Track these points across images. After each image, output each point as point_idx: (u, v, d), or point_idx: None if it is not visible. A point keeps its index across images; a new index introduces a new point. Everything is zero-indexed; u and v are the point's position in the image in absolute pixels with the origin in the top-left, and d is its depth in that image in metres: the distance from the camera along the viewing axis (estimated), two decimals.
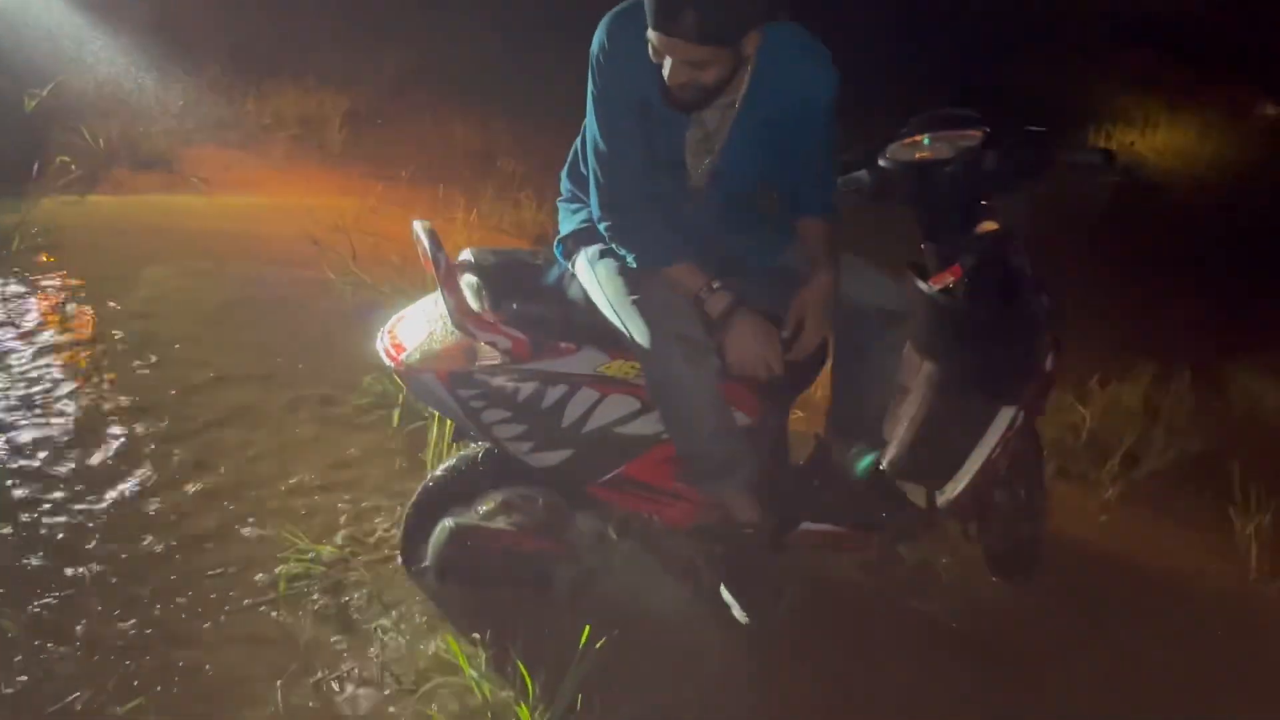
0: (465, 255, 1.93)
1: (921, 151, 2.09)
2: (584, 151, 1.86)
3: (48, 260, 3.43)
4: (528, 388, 1.79)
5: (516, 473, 1.93)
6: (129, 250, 3.63)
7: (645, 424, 1.86)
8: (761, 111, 1.78)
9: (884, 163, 2.12)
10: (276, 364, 2.94)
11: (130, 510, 2.21)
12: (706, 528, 1.96)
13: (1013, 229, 2.10)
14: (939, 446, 2.18)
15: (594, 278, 1.84)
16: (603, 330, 1.81)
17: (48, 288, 3.23)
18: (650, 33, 1.60)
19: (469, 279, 1.87)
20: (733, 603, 1.90)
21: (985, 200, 2.10)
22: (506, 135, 5.92)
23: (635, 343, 1.74)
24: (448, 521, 1.90)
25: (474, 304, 1.81)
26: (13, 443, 2.36)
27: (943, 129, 2.09)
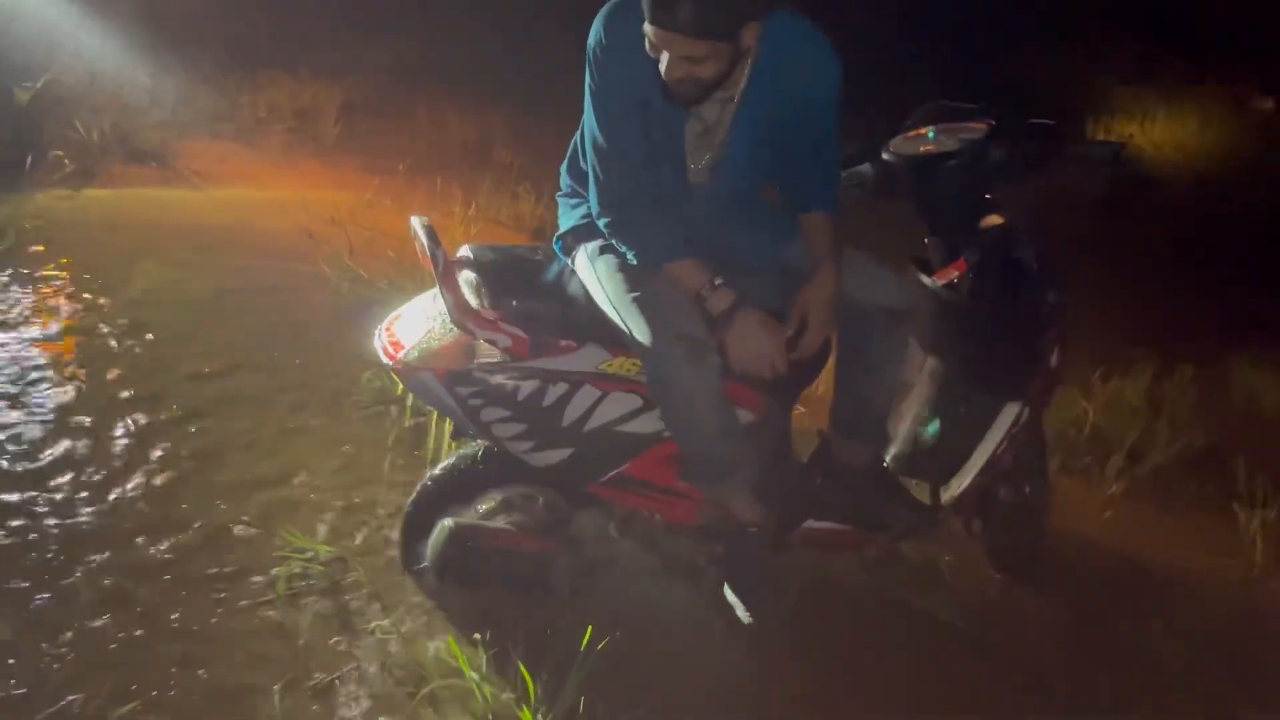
0: (464, 251, 1.90)
1: (926, 145, 2.07)
2: (583, 146, 1.83)
3: (41, 255, 3.39)
4: (528, 386, 1.77)
5: (516, 472, 1.91)
6: (123, 245, 3.60)
7: (647, 422, 1.84)
8: (762, 105, 1.74)
9: (888, 156, 2.11)
10: (273, 360, 2.91)
11: (125, 509, 2.18)
12: (709, 527, 1.94)
13: (1018, 223, 2.08)
14: (943, 443, 2.17)
15: (594, 274, 1.81)
16: (604, 327, 1.78)
17: (41, 283, 3.20)
18: (647, 26, 1.57)
19: (467, 275, 1.84)
20: (736, 603, 1.88)
21: (990, 194, 2.08)
22: (504, 127, 5.88)
23: (636, 341, 1.71)
24: (447, 521, 1.87)
25: (473, 301, 1.78)
26: (4, 440, 2.33)
27: (947, 121, 2.07)
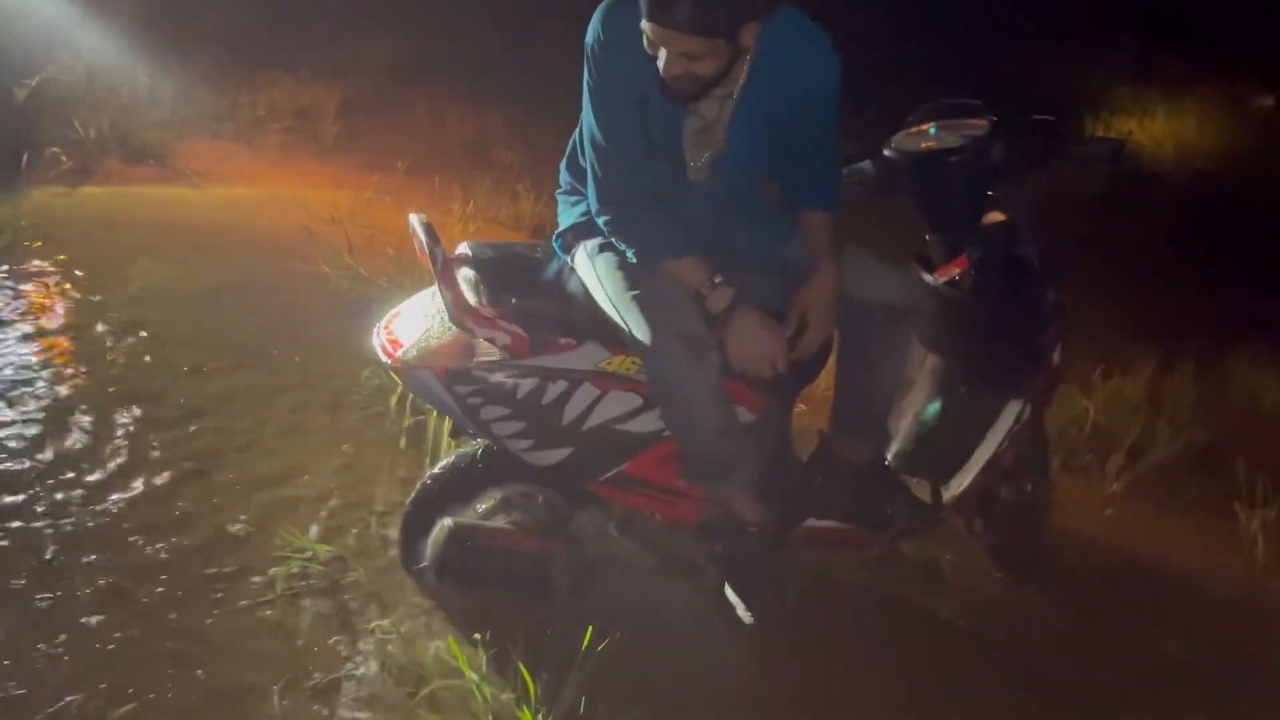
0: (462, 249, 1.89)
1: (927, 141, 2.06)
2: (582, 143, 1.82)
3: (38, 253, 3.38)
4: (527, 384, 1.76)
5: (516, 470, 1.90)
6: (121, 243, 3.59)
7: (647, 421, 1.82)
8: (761, 102, 1.73)
9: (889, 153, 2.10)
10: (272, 359, 2.90)
11: (123, 508, 2.17)
12: (709, 526, 1.93)
13: (1020, 220, 2.07)
14: (945, 441, 2.16)
15: (593, 272, 1.80)
16: (603, 325, 1.77)
17: (38, 281, 3.19)
18: (644, 23, 1.55)
19: (466, 273, 1.83)
20: (737, 602, 1.87)
21: (992, 191, 2.07)
22: (503, 125, 5.87)
23: (635, 340, 1.70)
24: (446, 521, 1.86)
25: (472, 299, 1.77)
26: (1, 439, 2.32)
27: (949, 118, 2.06)
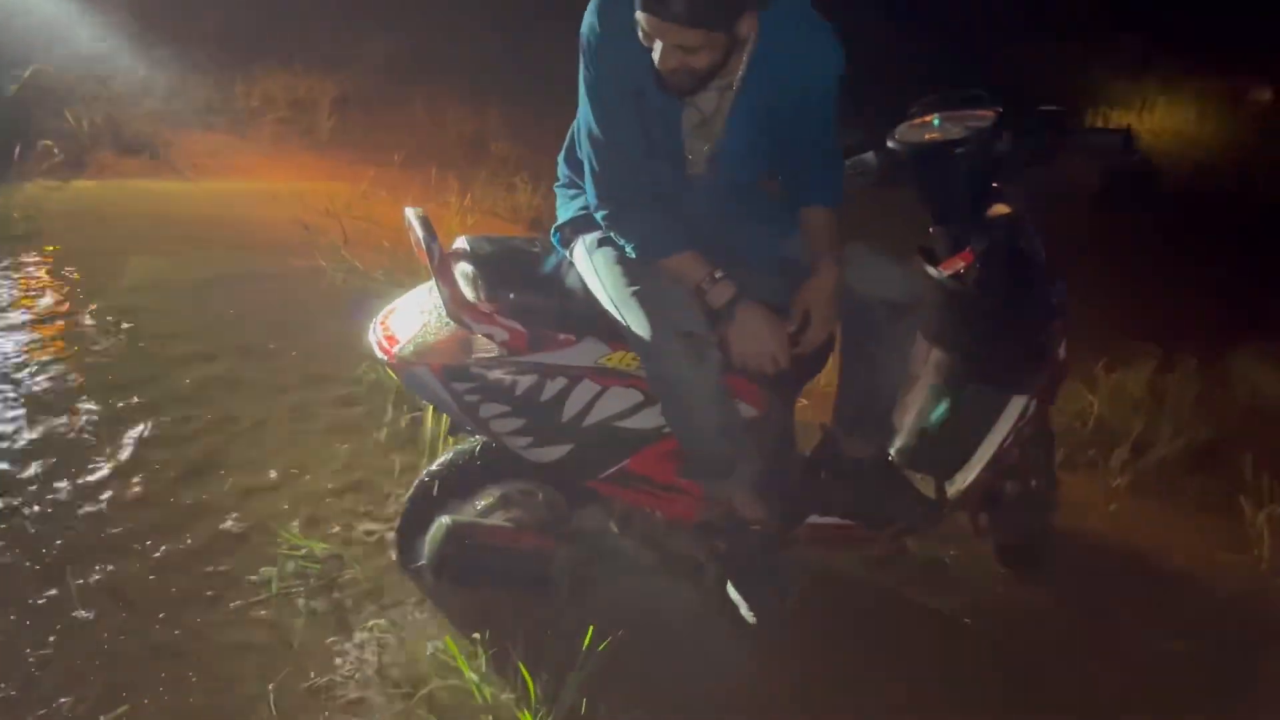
0: (460, 243, 1.86)
1: (931, 133, 2.03)
2: (579, 137, 1.79)
3: (29, 246, 3.35)
4: (526, 381, 1.73)
5: (515, 468, 1.88)
6: (113, 236, 3.56)
7: (648, 417, 1.80)
8: (761, 94, 1.70)
9: (892, 145, 2.07)
10: (266, 354, 2.87)
11: (114, 505, 2.15)
12: (711, 523, 1.91)
13: (1025, 213, 2.04)
14: (949, 436, 2.14)
15: (592, 268, 1.77)
16: (603, 320, 1.74)
17: (29, 275, 3.15)
18: (639, 15, 1.52)
19: (464, 268, 1.79)
20: (740, 601, 1.85)
21: (997, 183, 2.04)
22: (500, 118, 5.82)
23: (635, 337, 1.67)
24: (444, 519, 1.83)
25: (469, 294, 1.74)
26: None
27: (954, 109, 2.03)
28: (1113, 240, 4.90)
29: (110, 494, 2.18)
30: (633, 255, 1.72)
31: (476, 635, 1.83)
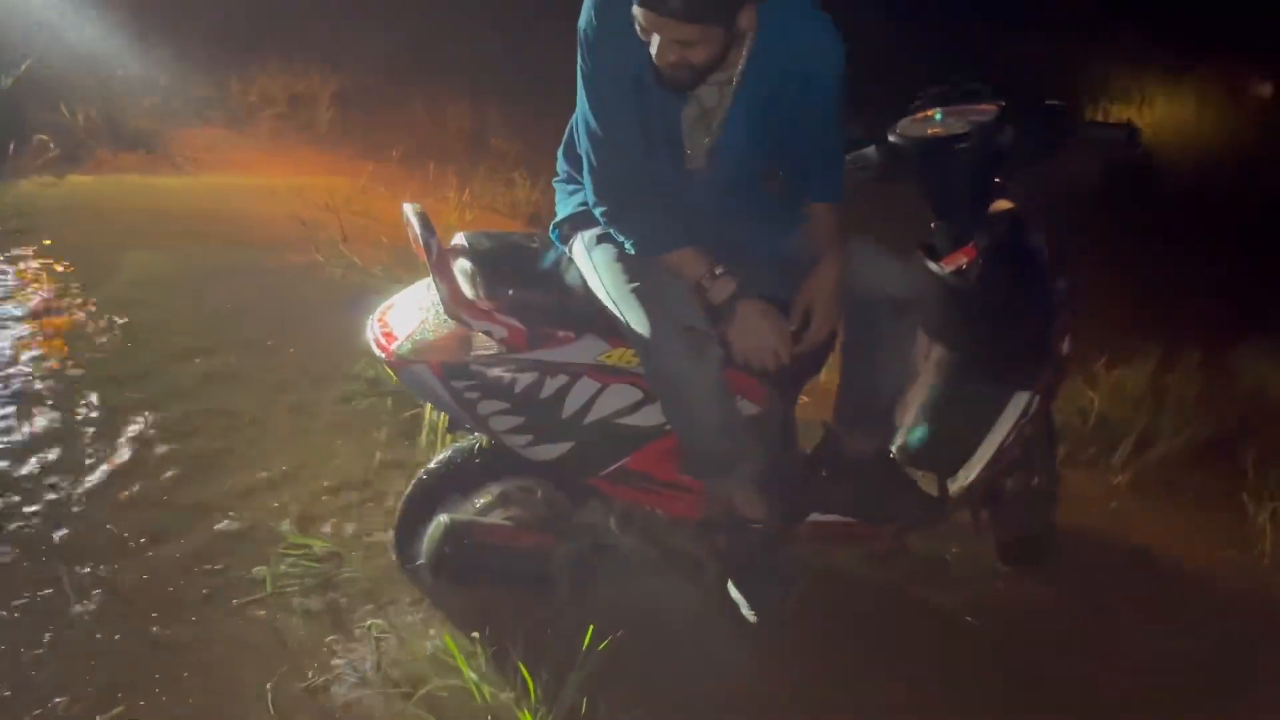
0: (458, 239, 1.84)
1: (934, 127, 2.02)
2: (578, 131, 1.77)
3: (25, 242, 3.33)
4: (525, 378, 1.72)
5: (515, 465, 1.86)
6: (110, 232, 3.54)
7: (648, 415, 1.78)
8: (762, 87, 1.68)
9: (894, 139, 2.06)
10: (264, 350, 2.86)
11: (110, 503, 2.13)
12: (712, 521, 1.90)
13: (1028, 208, 2.03)
14: (951, 433, 2.12)
15: (591, 264, 1.75)
16: (603, 317, 1.73)
17: (24, 270, 3.13)
18: (636, 9, 1.50)
19: (462, 264, 1.78)
20: (740, 600, 1.83)
21: (1000, 178, 2.03)
22: (499, 113, 5.80)
23: (634, 334, 1.66)
24: (443, 517, 1.82)
25: (468, 291, 1.73)
26: None
27: (956, 103, 2.01)
28: (1113, 236, 4.88)
29: (106, 491, 2.16)
30: (632, 251, 1.70)
31: (476, 634, 1.82)
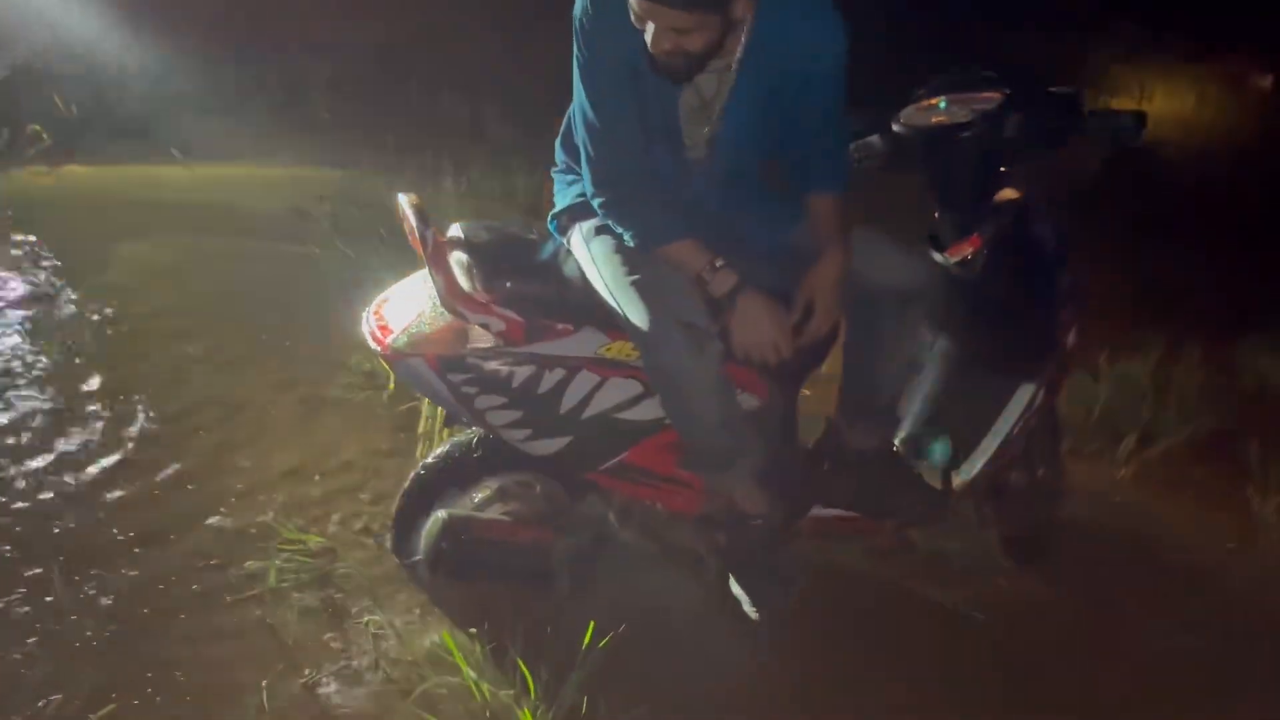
0: (454, 230, 1.80)
1: (938, 115, 1.98)
2: (575, 121, 1.73)
3: (16, 233, 3.29)
4: (523, 372, 1.69)
5: (513, 460, 1.83)
6: (104, 223, 3.51)
7: (647, 409, 1.76)
8: (762, 76, 1.65)
9: (897, 128, 2.02)
10: (258, 342, 2.83)
11: (104, 498, 2.11)
12: (712, 516, 1.87)
13: (1034, 197, 2.00)
14: (955, 426, 2.10)
15: (589, 256, 1.72)
16: (601, 310, 1.70)
17: (17, 261, 3.10)
18: None
19: (459, 256, 1.74)
20: (742, 596, 1.81)
21: (1005, 167, 2.00)
22: (497, 101, 5.75)
23: (633, 327, 1.63)
24: (440, 513, 1.79)
25: (464, 283, 1.70)
26: None
27: (961, 91, 1.98)
28: (1115, 229, 4.85)
29: (98, 485, 2.14)
30: (631, 244, 1.67)
31: (474, 631, 1.80)
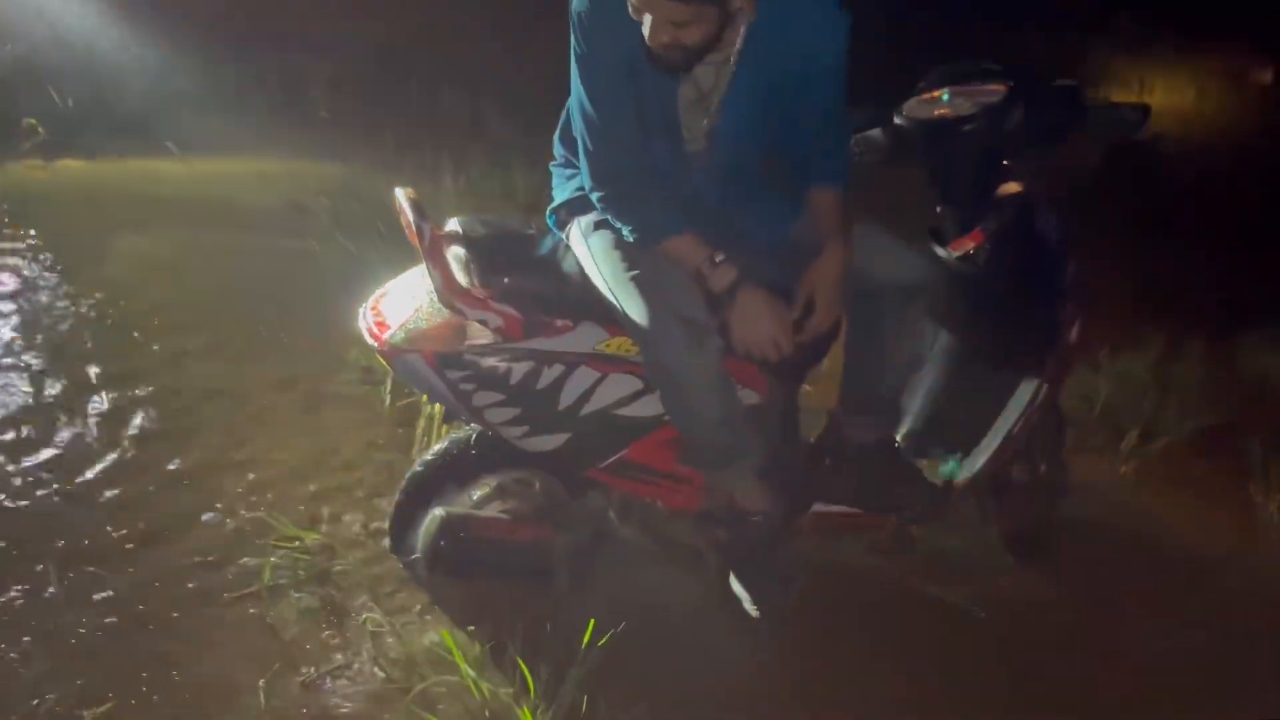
0: (452, 225, 1.79)
1: (940, 108, 1.97)
2: (573, 115, 1.72)
3: (12, 226, 3.28)
4: (521, 368, 1.67)
5: (511, 457, 1.82)
6: (101, 218, 3.49)
7: (647, 405, 1.74)
8: (761, 68, 1.63)
9: (900, 121, 2.01)
10: (256, 338, 2.82)
11: (101, 495, 2.10)
12: (712, 513, 1.86)
13: (1037, 191, 1.99)
14: (957, 422, 2.09)
15: (588, 251, 1.70)
16: (601, 305, 1.68)
17: (14, 260, 3.08)
18: None
19: (457, 251, 1.73)
20: (742, 594, 1.80)
21: (1008, 160, 1.98)
22: (496, 99, 5.73)
23: (632, 323, 1.61)
24: (438, 510, 1.78)
25: (462, 279, 1.68)
26: None
27: (964, 84, 1.96)
28: (1117, 224, 4.83)
29: (95, 482, 2.13)
30: (630, 239, 1.66)
31: (473, 629, 1.79)
